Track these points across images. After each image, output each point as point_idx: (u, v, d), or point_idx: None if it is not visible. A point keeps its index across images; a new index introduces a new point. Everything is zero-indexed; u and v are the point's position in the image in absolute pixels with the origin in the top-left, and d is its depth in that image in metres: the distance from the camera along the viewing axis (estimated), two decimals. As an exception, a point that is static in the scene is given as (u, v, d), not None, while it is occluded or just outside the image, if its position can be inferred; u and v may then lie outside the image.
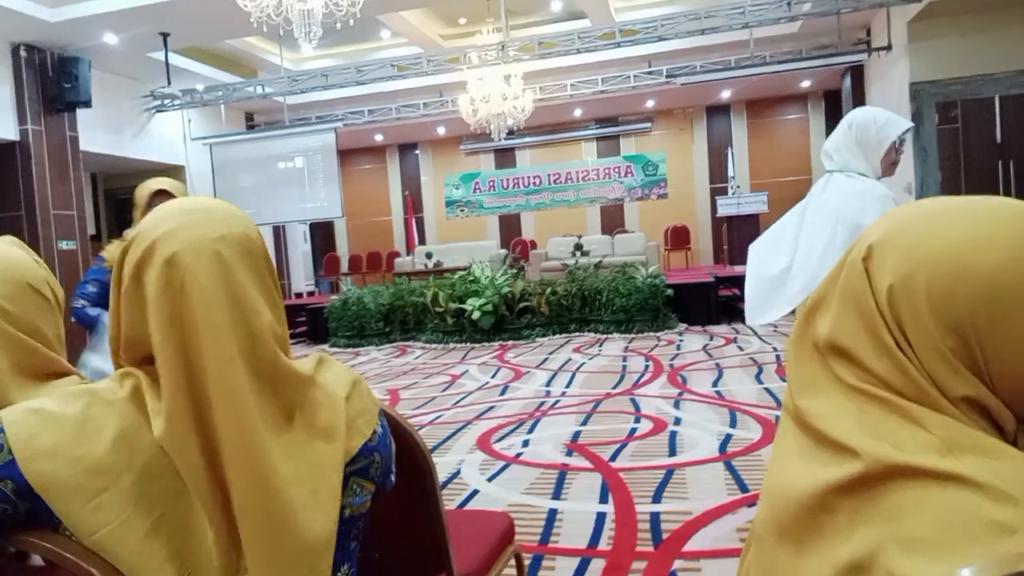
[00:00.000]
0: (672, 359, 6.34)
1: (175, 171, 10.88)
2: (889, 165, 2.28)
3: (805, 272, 2.35)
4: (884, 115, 2.29)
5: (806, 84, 12.51)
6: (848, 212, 2.21)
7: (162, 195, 2.21)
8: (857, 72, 10.73)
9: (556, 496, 2.99)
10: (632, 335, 8.05)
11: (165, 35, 8.34)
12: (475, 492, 3.15)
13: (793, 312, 2.26)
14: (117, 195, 11.44)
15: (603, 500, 2.89)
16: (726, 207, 10.91)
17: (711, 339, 7.42)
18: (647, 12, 9.84)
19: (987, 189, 8.34)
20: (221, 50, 10.44)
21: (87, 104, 8.47)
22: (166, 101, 9.98)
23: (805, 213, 2.47)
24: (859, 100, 10.78)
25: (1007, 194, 8.39)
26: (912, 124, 2.27)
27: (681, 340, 7.49)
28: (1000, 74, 8.21)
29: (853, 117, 2.33)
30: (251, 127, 12.49)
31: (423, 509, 1.30)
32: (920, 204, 0.65)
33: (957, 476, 0.54)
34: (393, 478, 0.96)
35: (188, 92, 10.06)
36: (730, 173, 12.89)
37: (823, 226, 2.31)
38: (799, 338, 0.71)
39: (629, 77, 10.61)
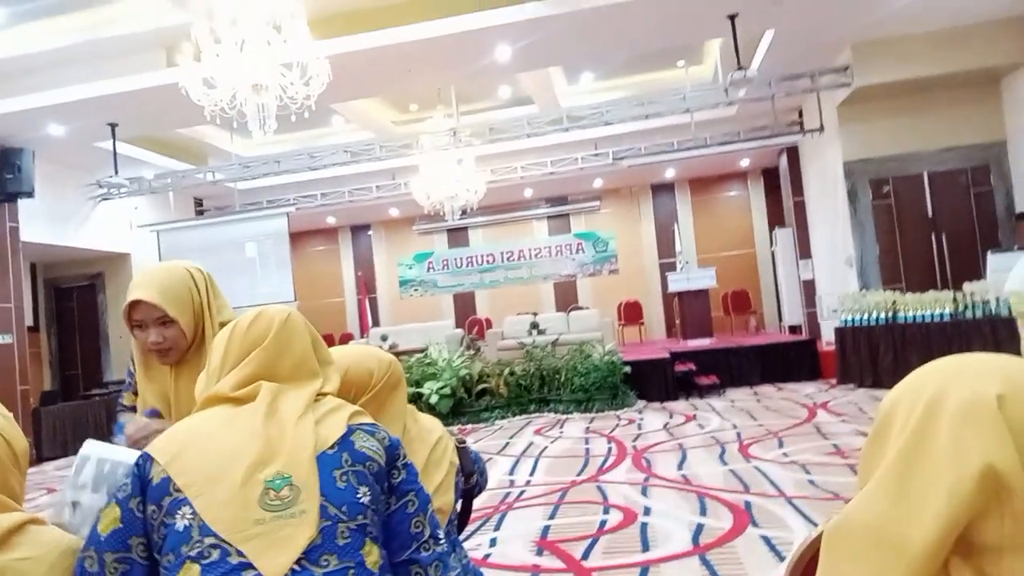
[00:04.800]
0: (635, 440, 6.30)
1: (120, 259, 10.63)
2: None
3: None
4: None
5: (745, 163, 13.07)
6: None
7: (139, 306, 1.60)
8: (792, 152, 11.26)
9: (530, 604, 2.87)
10: (592, 414, 8.00)
11: (113, 126, 8.28)
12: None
13: None
14: (57, 285, 11.07)
15: (579, 606, 2.79)
16: (676, 282, 11.12)
17: (671, 416, 7.42)
18: (592, 98, 10.21)
19: (922, 260, 8.74)
20: (170, 137, 10.39)
21: (29, 195, 8.29)
22: (112, 190, 9.83)
23: None
24: (796, 177, 11.29)
25: (941, 265, 8.80)
26: None
27: (642, 419, 7.47)
28: (926, 152, 8.72)
29: None
30: (200, 212, 12.35)
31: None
32: (995, 357, 0.67)
33: None
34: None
35: (135, 180, 9.94)
36: (678, 248, 13.22)
37: None
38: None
39: (577, 159, 10.93)
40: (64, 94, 7.47)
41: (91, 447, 1.41)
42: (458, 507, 1.62)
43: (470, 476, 1.66)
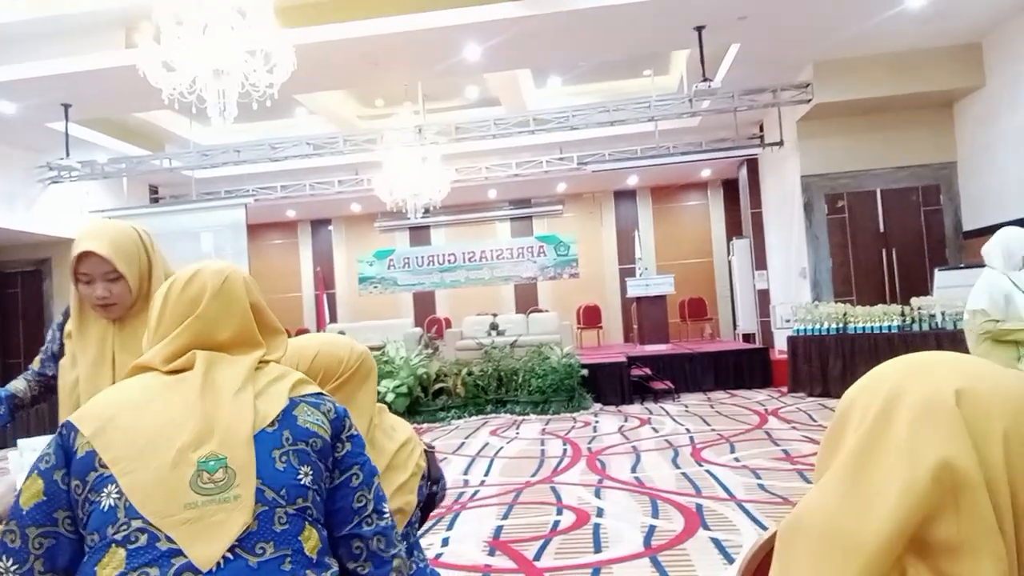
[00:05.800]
0: (589, 442, 6.33)
1: (68, 245, 10.25)
2: None
3: None
4: None
5: (706, 173, 13.27)
6: None
7: (89, 259, 1.66)
8: (752, 164, 11.48)
9: (481, 603, 2.86)
10: (548, 416, 8.02)
11: (67, 106, 8.02)
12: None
13: None
14: (1, 269, 10.66)
15: (531, 606, 2.78)
16: (635, 288, 11.24)
17: (626, 420, 7.48)
18: (558, 102, 10.26)
19: (873, 274, 8.98)
20: (125, 121, 10.10)
21: (-26, 174, 7.97)
22: (63, 173, 9.51)
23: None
24: (754, 189, 11.51)
25: (890, 279, 9.04)
26: None
27: (597, 421, 7.51)
28: (880, 169, 8.97)
29: None
30: (155, 200, 12.04)
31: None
32: (952, 355, 0.67)
33: None
34: None
35: (88, 164, 9.63)
36: (637, 255, 13.37)
37: None
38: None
39: (542, 162, 10.96)
40: (16, 71, 7.20)
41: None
42: (419, 511, 1.58)
43: (436, 482, 1.62)
